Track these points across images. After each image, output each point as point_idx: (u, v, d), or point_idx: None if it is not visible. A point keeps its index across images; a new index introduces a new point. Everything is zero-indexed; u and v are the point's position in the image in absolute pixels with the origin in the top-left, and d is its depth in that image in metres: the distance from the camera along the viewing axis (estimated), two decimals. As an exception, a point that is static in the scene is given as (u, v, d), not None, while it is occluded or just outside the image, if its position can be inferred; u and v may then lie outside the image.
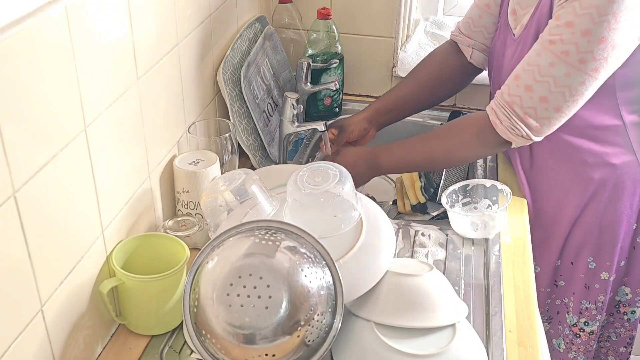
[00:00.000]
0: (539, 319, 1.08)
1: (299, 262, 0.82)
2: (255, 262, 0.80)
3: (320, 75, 1.50)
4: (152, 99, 1.02)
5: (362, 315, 0.89)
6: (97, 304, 0.91)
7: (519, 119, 1.08)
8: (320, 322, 0.81)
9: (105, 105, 0.87)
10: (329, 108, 1.57)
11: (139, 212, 1.01)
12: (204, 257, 0.84)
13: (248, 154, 1.29)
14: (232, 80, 1.29)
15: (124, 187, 0.96)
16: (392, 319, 0.87)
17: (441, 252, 1.14)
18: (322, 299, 0.82)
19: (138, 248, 0.97)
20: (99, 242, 0.90)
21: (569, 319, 1.32)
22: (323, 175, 0.95)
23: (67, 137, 0.79)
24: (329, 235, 0.91)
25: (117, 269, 0.91)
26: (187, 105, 1.17)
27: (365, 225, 0.95)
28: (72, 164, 0.81)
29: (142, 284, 0.91)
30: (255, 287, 0.79)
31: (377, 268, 0.91)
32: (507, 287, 1.06)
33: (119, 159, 0.94)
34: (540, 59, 1.05)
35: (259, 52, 1.41)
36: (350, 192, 0.95)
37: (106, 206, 0.91)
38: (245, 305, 0.78)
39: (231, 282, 0.79)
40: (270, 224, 0.87)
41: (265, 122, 1.38)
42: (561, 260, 1.29)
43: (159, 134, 1.06)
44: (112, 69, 0.88)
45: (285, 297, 0.79)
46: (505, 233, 1.18)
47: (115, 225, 0.94)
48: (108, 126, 0.88)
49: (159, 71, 1.02)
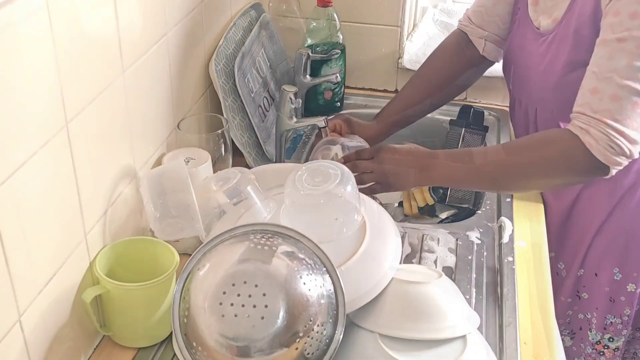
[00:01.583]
0: (557, 330, 1.07)
1: (298, 269, 0.82)
2: (250, 268, 0.80)
3: (321, 67, 1.50)
4: (139, 93, 1.01)
5: (365, 326, 0.89)
6: (79, 314, 0.91)
7: (618, 133, 1.01)
8: (320, 333, 0.81)
9: (88, 100, 0.87)
10: (330, 102, 1.57)
11: (124, 214, 1.01)
12: (194, 264, 0.84)
13: (242, 151, 1.29)
14: (225, 72, 1.29)
15: (108, 187, 0.96)
16: (397, 330, 0.86)
17: (451, 258, 1.13)
18: (323, 309, 0.81)
19: (124, 254, 0.97)
20: (81, 247, 0.90)
21: (591, 337, 1.32)
22: (323, 175, 0.95)
23: (46, 134, 0.79)
24: (330, 240, 0.91)
25: (101, 276, 0.91)
26: (176, 99, 1.16)
27: (369, 229, 0.95)
28: (52, 162, 0.81)
29: (127, 293, 0.91)
30: (250, 295, 0.78)
31: (381, 275, 0.91)
32: (522, 295, 1.06)
33: (103, 157, 0.94)
34: (614, 63, 1.01)
35: (255, 42, 1.41)
36: (353, 194, 0.95)
37: (89, 208, 0.90)
38: (240, 315, 0.78)
39: (224, 290, 0.79)
40: (267, 228, 0.86)
41: (261, 118, 1.38)
42: (584, 269, 1.29)
43: (146, 131, 1.06)
44: (96, 61, 0.88)
45: (282, 306, 0.78)
46: (520, 237, 1.18)
47: (99, 229, 0.94)
48: (91, 122, 0.88)
49: (146, 63, 1.02)
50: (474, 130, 1.42)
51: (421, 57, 1.64)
